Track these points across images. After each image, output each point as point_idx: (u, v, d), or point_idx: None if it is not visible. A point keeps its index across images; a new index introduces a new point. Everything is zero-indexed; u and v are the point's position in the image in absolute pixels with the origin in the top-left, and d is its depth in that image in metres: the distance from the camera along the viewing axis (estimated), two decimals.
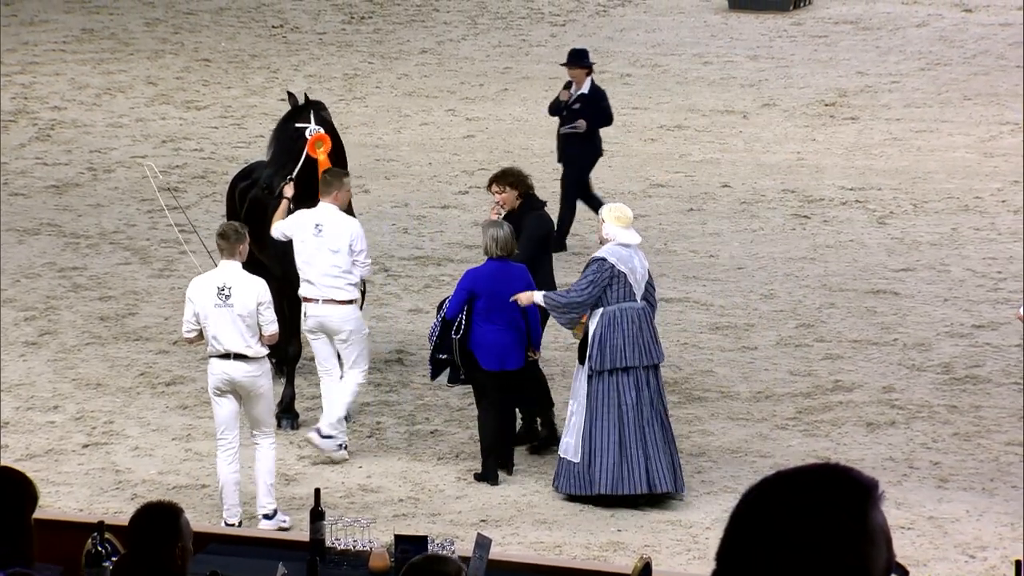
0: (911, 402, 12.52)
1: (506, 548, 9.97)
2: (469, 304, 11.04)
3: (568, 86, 15.78)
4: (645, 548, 10.08)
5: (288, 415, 11.85)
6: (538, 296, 10.89)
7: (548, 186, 18.22)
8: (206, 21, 25.82)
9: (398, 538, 7.90)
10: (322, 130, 11.86)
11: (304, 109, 11.92)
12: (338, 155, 12.01)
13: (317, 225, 11.24)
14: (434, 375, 11.37)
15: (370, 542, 7.94)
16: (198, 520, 10.25)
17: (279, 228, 11.45)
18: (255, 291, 10.24)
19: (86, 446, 11.60)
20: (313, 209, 11.37)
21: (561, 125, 15.83)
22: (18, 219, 16.77)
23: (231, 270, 10.27)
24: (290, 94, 12.14)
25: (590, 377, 10.71)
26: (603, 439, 10.68)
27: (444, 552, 7.80)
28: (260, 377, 10.29)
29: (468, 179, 18.38)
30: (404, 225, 16.75)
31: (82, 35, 24.79)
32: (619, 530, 10.59)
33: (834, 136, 19.92)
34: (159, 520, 5.89)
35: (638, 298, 10.76)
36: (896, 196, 17.63)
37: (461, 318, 11.05)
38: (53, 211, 17.12)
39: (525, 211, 11.54)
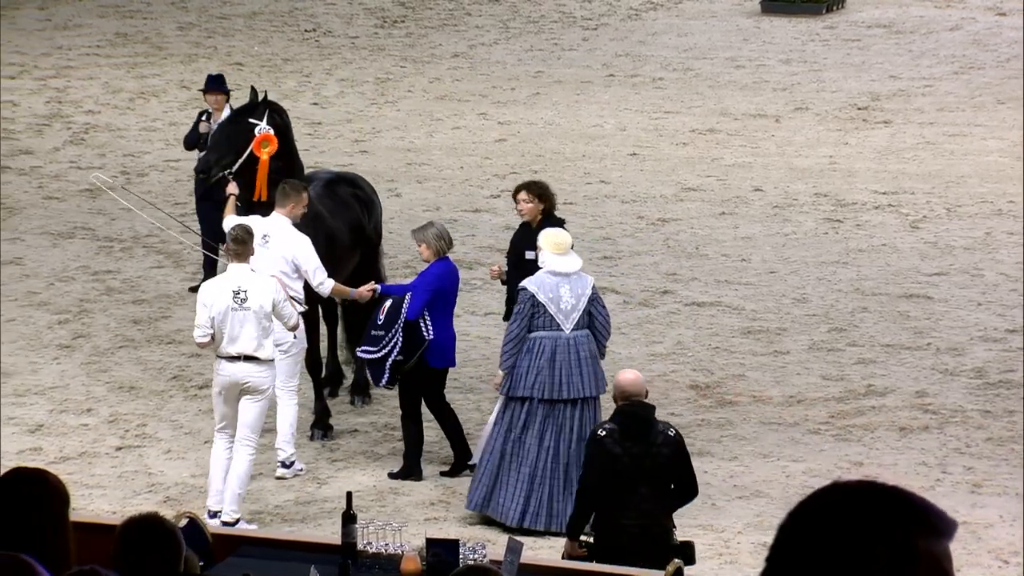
0: (944, 407, 12.46)
1: (537, 552, 9.97)
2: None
3: (205, 116, 14.46)
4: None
5: (320, 427, 11.86)
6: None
7: (580, 190, 18.23)
8: (239, 25, 25.91)
9: (430, 541, 7.90)
10: (272, 131, 11.77)
11: (259, 106, 11.86)
12: (290, 162, 11.88)
13: (264, 236, 11.12)
14: (391, 381, 11.16)
15: (401, 545, 7.95)
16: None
17: (229, 224, 11.40)
18: (270, 291, 10.31)
19: (119, 449, 11.64)
20: (264, 218, 11.29)
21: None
22: (52, 223, 16.84)
23: (243, 273, 10.33)
24: (254, 89, 12.11)
25: (505, 398, 10.62)
26: (487, 460, 10.53)
27: (475, 555, 7.80)
28: (266, 380, 10.37)
29: (499, 183, 18.39)
30: None
31: (116, 39, 24.90)
32: None
33: (867, 140, 19.85)
34: (153, 537, 5.65)
35: (565, 328, 10.41)
36: (929, 200, 17.56)
37: (424, 319, 11.01)
38: (87, 215, 17.19)
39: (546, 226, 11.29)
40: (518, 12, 26.75)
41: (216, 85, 14.62)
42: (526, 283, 10.53)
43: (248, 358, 10.27)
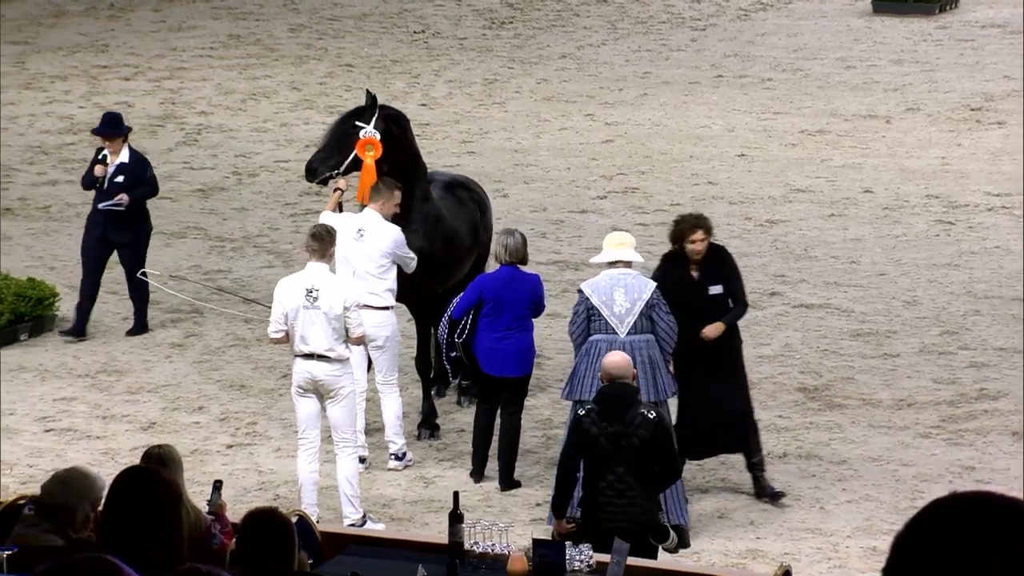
0: None
1: None
2: (476, 309, 11.07)
3: (102, 157, 13.49)
4: (784, 556, 9.99)
5: (427, 427, 11.93)
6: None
7: (687, 191, 18.15)
8: (349, 27, 26.10)
9: (536, 542, 7.90)
10: (377, 135, 11.79)
11: (367, 110, 11.91)
12: (408, 167, 11.83)
13: (359, 230, 11.28)
14: (454, 374, 11.48)
15: (508, 546, 7.96)
16: (339, 521, 10.35)
17: (324, 219, 11.46)
18: (342, 294, 10.29)
19: (230, 447, 11.77)
20: (358, 214, 11.47)
21: (98, 202, 13.55)
22: (165, 222, 17.06)
23: (319, 272, 10.32)
24: (368, 92, 12.17)
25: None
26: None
27: (581, 556, 7.79)
28: (342, 378, 10.31)
29: (606, 184, 18.37)
30: (542, 230, 16.77)
31: (228, 41, 25.19)
32: (758, 538, 10.51)
33: (980, 141, 19.59)
34: (272, 531, 5.72)
35: (619, 332, 10.26)
36: None
37: (466, 321, 11.06)
38: (199, 215, 17.41)
39: (712, 254, 10.89)
40: (626, 13, 26.70)
41: (112, 127, 13.49)
42: (582, 285, 10.58)
43: (321, 357, 10.28)
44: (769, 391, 12.68)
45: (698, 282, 10.73)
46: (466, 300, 11.13)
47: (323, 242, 10.34)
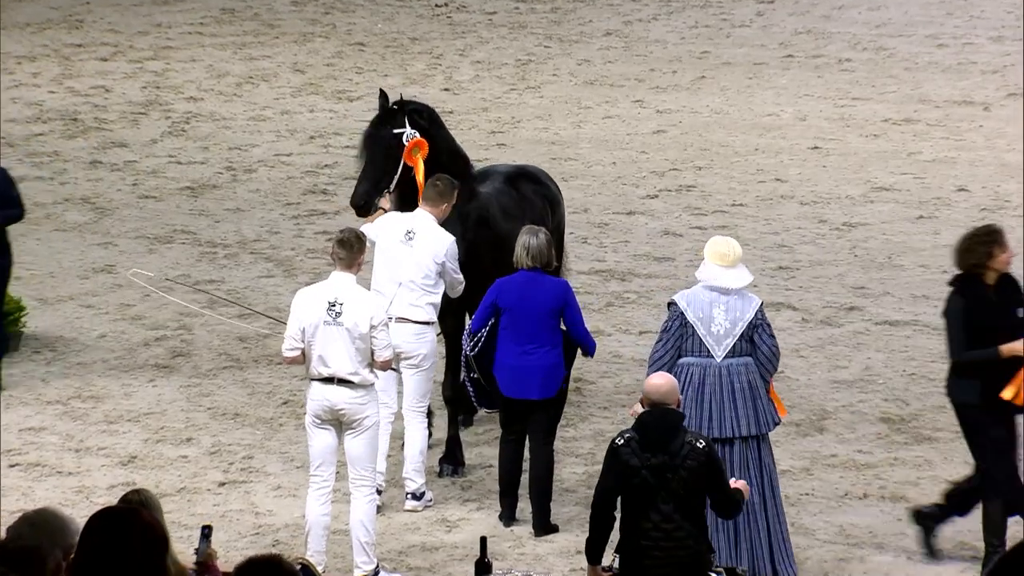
0: None
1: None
2: (496, 320, 11.06)
3: None
4: None
5: (450, 462, 11.93)
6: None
7: (752, 189, 18.15)
8: None
9: None
10: (418, 135, 11.88)
11: (396, 113, 11.95)
12: (445, 162, 11.93)
13: (408, 232, 11.31)
14: (478, 400, 11.38)
15: None
16: (348, 571, 10.37)
17: (365, 230, 11.44)
18: (369, 310, 10.21)
19: (222, 484, 11.80)
20: (408, 214, 11.49)
21: None
22: (149, 225, 17.14)
23: (345, 283, 10.25)
24: (382, 93, 12.19)
25: None
26: None
27: None
28: (366, 406, 10.25)
29: (658, 181, 18.38)
30: (584, 234, 16.79)
31: (222, 15, 25.30)
32: None
33: None
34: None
35: (716, 355, 10.23)
36: None
37: (482, 333, 11.06)
38: (187, 216, 17.48)
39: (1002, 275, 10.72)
40: None
41: None
42: (677, 297, 10.47)
43: (342, 381, 10.27)
44: (847, 421, 12.66)
45: (1000, 305, 10.56)
46: (482, 309, 11.12)
47: (351, 250, 10.27)
